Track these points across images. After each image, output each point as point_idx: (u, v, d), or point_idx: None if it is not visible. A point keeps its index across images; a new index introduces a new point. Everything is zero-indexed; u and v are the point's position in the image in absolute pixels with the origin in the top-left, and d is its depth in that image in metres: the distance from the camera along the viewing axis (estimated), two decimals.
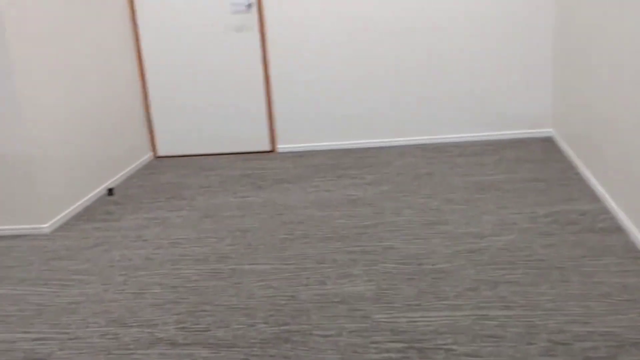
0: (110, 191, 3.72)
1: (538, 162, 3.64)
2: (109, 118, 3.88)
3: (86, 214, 3.41)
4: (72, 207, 3.40)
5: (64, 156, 3.34)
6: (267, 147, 4.42)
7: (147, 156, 4.42)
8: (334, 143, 4.36)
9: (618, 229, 2.64)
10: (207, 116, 4.39)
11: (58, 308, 2.37)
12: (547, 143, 4.00)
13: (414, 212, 3.04)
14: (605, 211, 2.84)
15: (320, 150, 4.34)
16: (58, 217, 3.27)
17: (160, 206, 3.45)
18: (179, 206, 3.42)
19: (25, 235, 3.15)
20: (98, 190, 3.70)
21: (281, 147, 4.40)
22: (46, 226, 3.17)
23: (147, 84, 4.37)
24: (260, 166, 4.08)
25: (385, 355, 1.90)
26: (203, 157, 4.44)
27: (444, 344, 1.93)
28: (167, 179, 3.95)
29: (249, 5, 4.13)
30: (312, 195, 3.42)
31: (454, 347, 1.91)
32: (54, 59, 3.30)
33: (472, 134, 4.23)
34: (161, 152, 4.51)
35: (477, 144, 4.15)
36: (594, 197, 3.02)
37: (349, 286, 2.35)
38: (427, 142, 4.27)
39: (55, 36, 3.31)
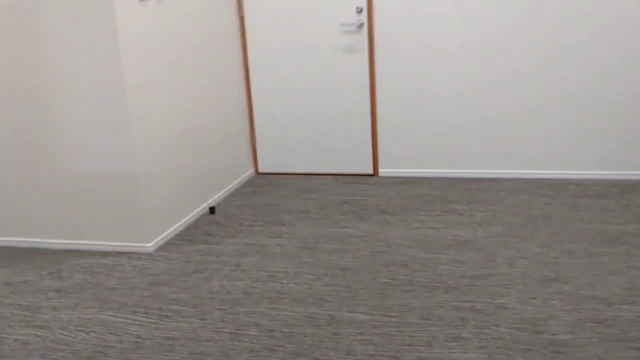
0: (212, 210, 3.72)
1: None
2: (214, 135, 3.88)
3: (188, 234, 3.41)
4: (175, 226, 3.42)
5: (169, 175, 3.36)
6: (369, 171, 4.27)
7: (249, 172, 4.41)
8: (440, 170, 4.15)
9: None
10: (310, 135, 4.30)
11: (155, 342, 2.35)
12: None
13: (529, 264, 2.79)
14: None
15: (425, 178, 4.14)
16: (161, 236, 3.29)
17: (260, 231, 3.39)
18: (277, 232, 3.35)
19: (129, 253, 3.19)
20: (201, 208, 3.70)
21: (384, 171, 4.25)
22: (150, 245, 3.19)
23: (253, 100, 4.34)
24: (361, 192, 3.94)
25: None
26: (303, 176, 4.36)
27: None
28: (266, 200, 3.90)
29: (360, 25, 3.99)
30: (416, 232, 3.24)
31: None
32: (165, 79, 3.32)
33: (595, 172, 3.88)
34: (262, 168, 4.48)
35: (601, 183, 3.80)
36: None
37: (458, 351, 2.16)
38: (544, 177, 3.97)
39: (167, 56, 3.33)
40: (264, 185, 4.21)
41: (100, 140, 3.07)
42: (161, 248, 3.24)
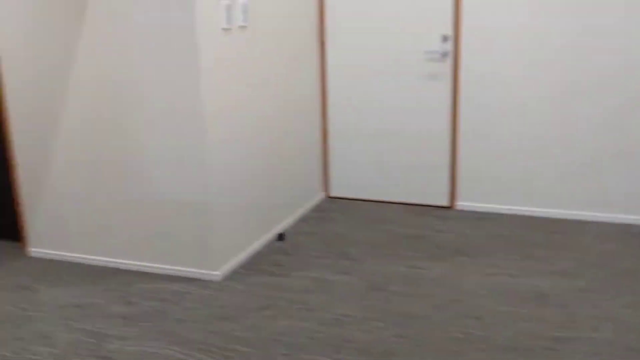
0: (281, 236, 3.67)
1: None
2: (287, 158, 3.83)
3: (256, 263, 3.37)
4: (243, 253, 3.39)
5: (239, 200, 3.33)
6: (445, 202, 4.11)
7: (320, 196, 4.34)
8: (520, 208, 3.94)
9: None
10: (384, 161, 4.19)
11: None
12: None
13: (614, 328, 2.57)
14: None
15: (504, 214, 3.94)
16: (229, 263, 3.26)
17: (327, 265, 3.31)
18: (345, 268, 3.26)
19: (197, 280, 3.18)
20: (270, 233, 3.66)
21: (460, 204, 4.07)
22: (217, 273, 3.17)
23: (328, 123, 4.27)
24: (435, 226, 3.79)
25: None
26: (375, 203, 4.25)
27: None
28: (336, 229, 3.81)
29: (445, 54, 3.84)
30: (493, 278, 3.07)
31: None
32: (243, 105, 3.29)
33: None
34: (334, 192, 4.40)
35: None
36: None
37: None
38: (636, 222, 3.69)
39: (246, 82, 3.30)
40: (334, 211, 4.12)
41: (174, 168, 3.08)
42: (228, 277, 3.21)
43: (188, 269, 3.22)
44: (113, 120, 3.14)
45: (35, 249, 3.57)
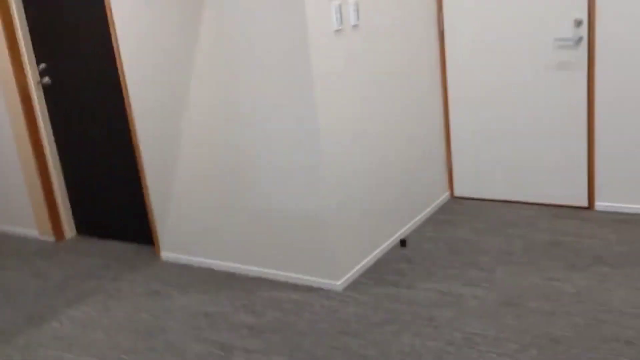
0: (403, 242, 3.53)
1: None
2: (408, 159, 3.68)
3: (378, 272, 3.26)
4: (365, 261, 3.30)
5: (359, 205, 3.23)
6: (583, 203, 3.76)
7: (444, 196, 4.14)
8: None
9: None
10: (513, 156, 3.90)
11: None
12: None
13: None
14: None
15: None
16: (351, 272, 3.18)
17: (455, 275, 3.13)
18: (475, 279, 3.06)
19: (318, 290, 3.13)
20: (392, 239, 3.54)
21: (600, 204, 3.71)
22: (339, 283, 3.10)
23: (450, 118, 4.04)
24: (573, 230, 3.48)
25: None
26: (504, 204, 3.98)
27: None
28: (462, 233, 3.61)
29: (579, 40, 3.48)
30: None
31: None
32: (359, 110, 3.18)
33: None
34: (459, 192, 4.18)
35: None
36: None
37: None
38: None
39: (362, 86, 3.18)
40: (460, 213, 3.91)
41: (292, 175, 3.03)
42: (350, 286, 3.14)
43: (309, 277, 3.18)
44: (230, 132, 3.15)
45: (166, 253, 3.70)
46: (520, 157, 3.88)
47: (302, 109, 2.89)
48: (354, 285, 3.15)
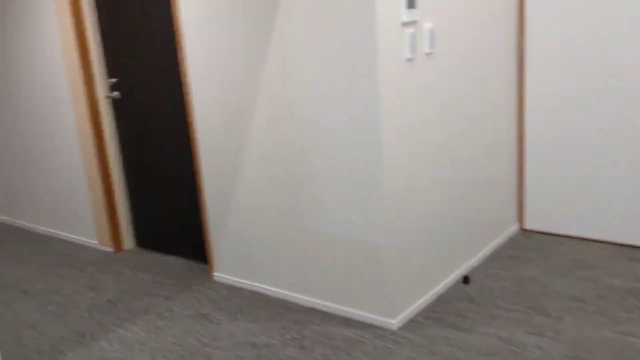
0: (466, 279, 3.33)
1: None
2: (475, 188, 3.47)
3: (437, 310, 3.08)
4: (423, 298, 3.12)
5: (419, 238, 3.06)
6: None
7: (513, 229, 3.89)
8: None
9: None
10: (591, 190, 3.61)
11: None
12: None
13: None
14: None
15: None
16: (407, 310, 3.02)
17: (519, 319, 2.90)
18: (540, 327, 2.83)
19: (371, 327, 2.98)
20: (454, 275, 3.34)
21: None
22: (394, 322, 2.94)
23: (525, 143, 3.80)
24: None
25: None
26: (578, 241, 3.70)
27: None
28: (531, 273, 3.37)
29: None
30: None
31: None
32: (422, 134, 3.01)
33: None
34: (529, 224, 3.92)
35: None
36: None
37: None
38: None
39: (431, 114, 3.01)
40: (529, 249, 3.66)
41: (352, 201, 2.90)
42: (406, 325, 2.97)
43: (362, 313, 3.04)
44: (291, 157, 3.05)
45: (219, 274, 3.65)
46: (598, 189, 3.59)
47: (366, 138, 2.76)
48: (410, 324, 2.98)
